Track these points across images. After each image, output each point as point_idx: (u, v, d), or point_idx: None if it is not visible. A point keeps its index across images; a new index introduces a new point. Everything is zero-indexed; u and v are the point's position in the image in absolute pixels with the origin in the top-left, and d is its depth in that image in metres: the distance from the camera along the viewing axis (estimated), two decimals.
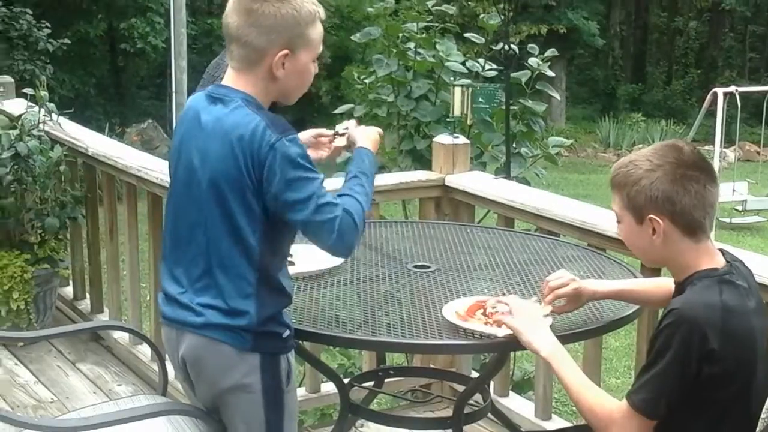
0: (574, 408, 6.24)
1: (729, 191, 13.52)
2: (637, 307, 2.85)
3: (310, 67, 2.61)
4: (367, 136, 2.81)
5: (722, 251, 2.42)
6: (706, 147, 15.60)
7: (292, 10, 2.52)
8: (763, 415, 2.24)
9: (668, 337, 2.25)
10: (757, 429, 2.29)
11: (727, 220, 13.87)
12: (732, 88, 14.22)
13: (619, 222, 2.45)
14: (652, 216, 2.33)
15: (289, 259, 3.17)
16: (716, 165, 12.75)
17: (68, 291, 5.51)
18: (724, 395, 2.28)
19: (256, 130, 2.44)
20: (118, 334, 4.90)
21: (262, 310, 2.50)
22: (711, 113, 15.25)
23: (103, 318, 5.16)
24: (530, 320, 2.56)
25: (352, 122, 2.92)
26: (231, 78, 2.57)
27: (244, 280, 2.49)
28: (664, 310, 2.34)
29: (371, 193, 2.64)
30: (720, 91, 13.73)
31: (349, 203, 2.53)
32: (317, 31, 2.59)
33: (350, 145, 2.82)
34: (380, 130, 2.88)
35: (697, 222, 2.34)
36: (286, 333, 2.57)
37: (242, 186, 2.44)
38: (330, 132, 2.96)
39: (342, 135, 2.89)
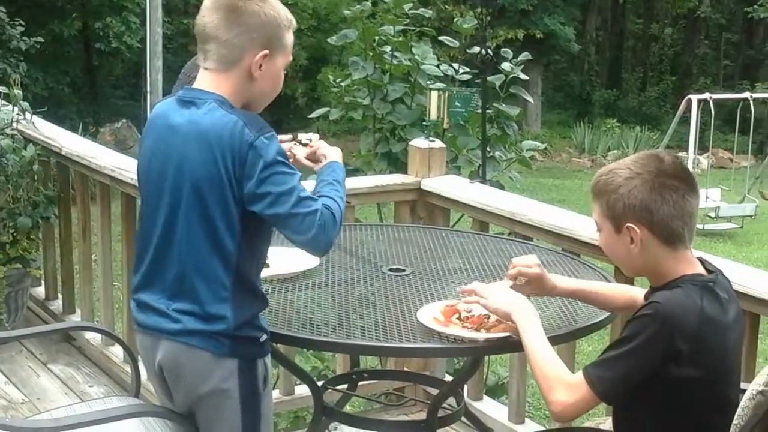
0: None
1: (702, 198, 13.59)
2: (608, 313, 2.86)
3: (281, 73, 2.61)
4: (337, 152, 2.79)
5: (701, 260, 2.43)
6: (680, 153, 15.71)
7: (273, 11, 2.52)
8: (735, 421, 2.25)
9: (641, 325, 2.25)
10: None
11: (700, 226, 13.94)
12: (706, 95, 14.34)
13: (598, 230, 2.45)
14: (629, 224, 2.34)
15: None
16: None
17: (40, 291, 5.47)
18: (687, 401, 2.29)
19: (234, 129, 2.42)
20: (90, 335, 4.87)
21: (239, 314, 2.49)
22: (685, 120, 15.38)
23: (75, 319, 5.13)
24: (499, 294, 2.58)
25: (315, 135, 2.88)
26: (204, 80, 2.55)
27: (220, 284, 2.48)
28: (646, 300, 2.34)
29: (343, 202, 2.64)
30: (694, 98, 13.85)
31: (328, 201, 2.54)
32: (291, 38, 2.59)
33: (319, 159, 2.78)
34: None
35: (675, 232, 2.34)
36: (263, 337, 2.56)
37: (222, 187, 2.43)
38: (287, 137, 2.92)
39: (303, 145, 2.84)
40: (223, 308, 2.48)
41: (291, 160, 2.72)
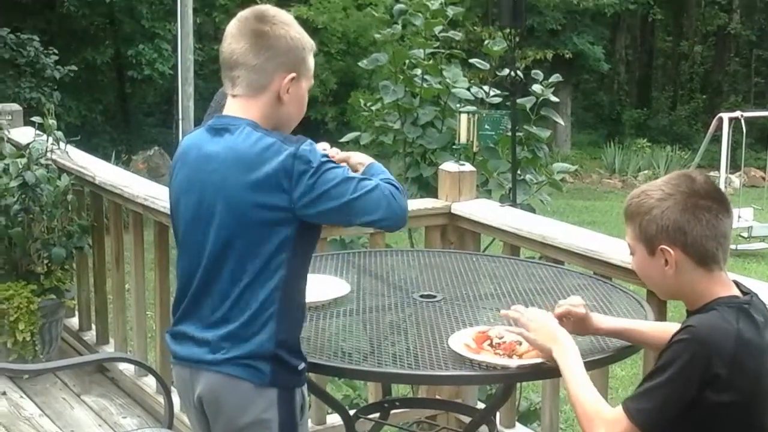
0: None
1: (734, 218, 13.47)
2: None
3: (306, 96, 2.62)
4: (369, 157, 2.77)
5: (736, 282, 2.40)
6: (712, 173, 15.62)
7: (298, 35, 2.54)
8: None
9: (676, 352, 2.23)
10: None
11: (733, 247, 13.82)
12: (737, 113, 14.25)
13: (632, 254, 2.44)
14: (663, 246, 2.32)
15: None
16: None
17: (74, 322, 5.50)
18: (723, 426, 2.26)
19: (272, 147, 2.43)
20: (123, 366, 4.88)
21: (279, 333, 2.48)
22: (716, 138, 15.28)
23: (109, 349, 5.14)
24: (541, 327, 2.55)
25: (326, 144, 2.82)
26: (233, 106, 2.55)
27: (266, 307, 2.46)
28: (682, 325, 2.32)
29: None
30: (725, 116, 13.77)
31: (384, 179, 2.56)
32: (313, 62, 2.61)
33: (356, 168, 2.72)
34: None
35: (709, 253, 2.32)
36: (302, 365, 2.56)
37: (271, 207, 2.42)
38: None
39: None
40: (267, 329, 2.46)
41: None
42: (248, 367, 2.47)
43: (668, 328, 2.70)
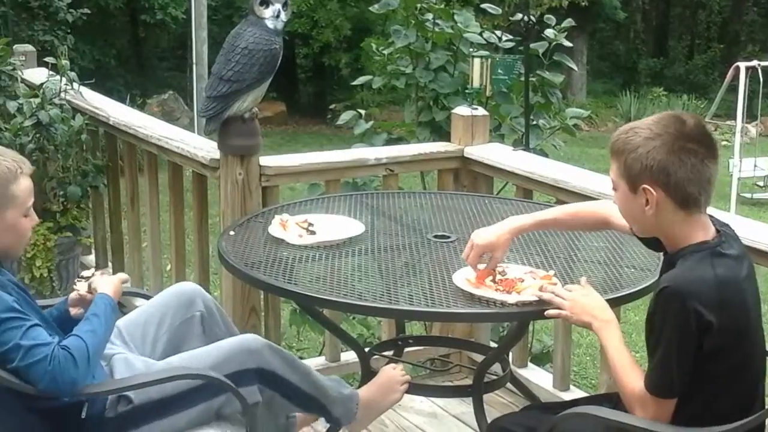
0: (593, 381, 6.27)
1: (750, 166, 13.45)
2: (656, 277, 2.86)
3: (21, 222, 2.63)
4: (109, 282, 2.81)
5: (710, 217, 2.41)
6: (728, 122, 15.53)
7: None
8: None
9: (663, 316, 2.26)
10: None
11: (749, 195, 13.80)
12: (754, 63, 14.10)
13: (614, 189, 2.44)
14: (645, 186, 2.32)
15: (309, 228, 3.22)
16: (737, 140, 12.69)
17: (90, 259, 5.56)
18: (723, 367, 2.30)
19: None
20: (139, 302, 4.92)
21: None
22: (733, 88, 15.15)
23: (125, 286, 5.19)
24: (579, 301, 2.56)
25: (98, 272, 2.92)
26: None
27: None
28: (655, 289, 2.33)
29: (103, 333, 2.62)
30: (742, 65, 13.63)
31: (69, 341, 2.51)
32: (21, 187, 2.61)
33: (92, 292, 2.80)
34: (124, 277, 2.90)
35: (692, 197, 2.32)
36: None
37: None
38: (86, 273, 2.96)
39: (86, 278, 2.88)
40: None
41: (77, 296, 2.83)
42: None
43: (594, 207, 2.78)
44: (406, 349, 3.85)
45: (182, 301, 3.04)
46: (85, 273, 2.91)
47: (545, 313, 2.60)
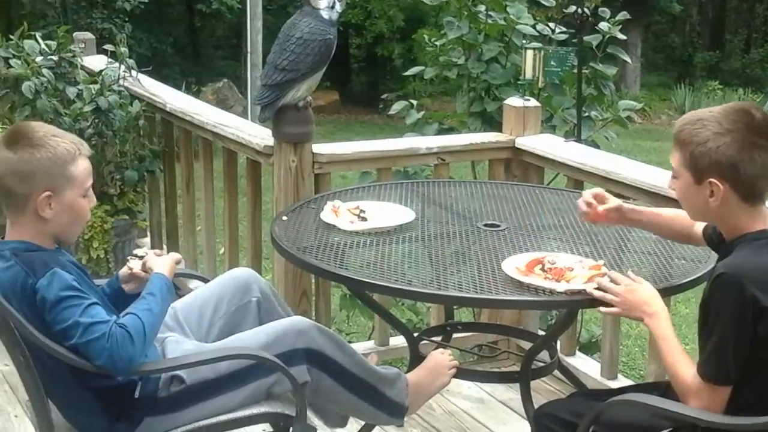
0: (641, 372, 6.26)
1: None
2: (707, 269, 2.87)
3: (79, 202, 2.65)
4: (164, 261, 2.82)
5: None
6: None
7: (47, 153, 2.57)
8: None
9: (719, 303, 2.27)
10: None
11: None
12: None
13: (674, 177, 2.45)
14: (713, 180, 2.33)
15: (361, 215, 3.27)
16: None
17: (146, 242, 5.65)
18: None
19: (16, 281, 2.51)
20: (193, 284, 5.01)
21: None
22: None
23: (179, 267, 5.27)
24: (632, 302, 2.56)
25: (151, 251, 2.93)
26: (8, 228, 2.64)
27: None
28: (711, 276, 2.35)
29: (159, 312, 2.64)
30: None
31: (126, 319, 2.55)
32: (80, 169, 2.63)
33: (147, 271, 2.83)
34: (177, 257, 2.90)
35: (758, 191, 2.34)
36: None
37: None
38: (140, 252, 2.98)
39: (140, 258, 2.90)
40: None
41: (129, 272, 2.85)
42: None
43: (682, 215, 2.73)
44: (455, 335, 3.88)
45: (239, 286, 3.07)
46: (139, 251, 2.94)
47: (598, 309, 2.62)
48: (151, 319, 2.59)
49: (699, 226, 2.66)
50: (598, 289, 2.62)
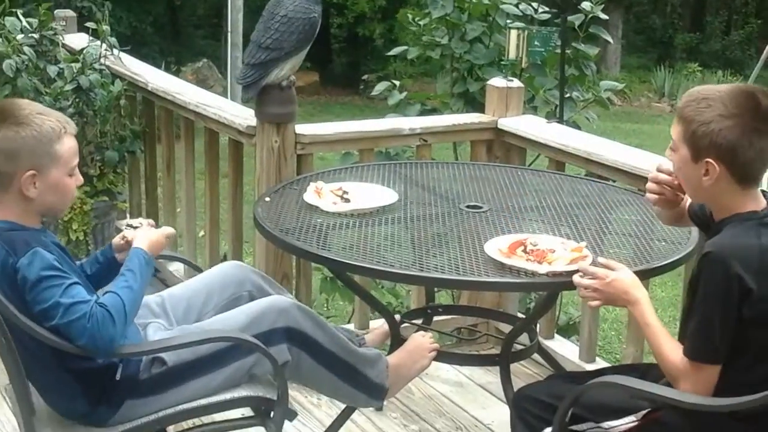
0: (617, 355, 6.30)
1: None
2: (687, 251, 2.89)
3: (65, 181, 2.65)
4: (146, 237, 2.79)
5: (763, 192, 2.43)
6: None
7: (32, 131, 2.56)
8: None
9: (706, 281, 2.28)
10: None
11: None
12: None
13: (673, 149, 2.45)
14: (709, 160, 2.34)
15: (344, 196, 3.26)
16: None
17: (125, 223, 5.61)
18: (763, 335, 2.31)
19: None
20: (174, 267, 5.01)
21: None
22: None
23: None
24: (610, 294, 2.54)
25: (146, 223, 2.91)
26: None
27: None
28: (698, 253, 2.37)
29: (139, 289, 2.63)
30: None
31: (106, 298, 2.54)
32: (65, 147, 2.62)
33: (128, 246, 2.81)
34: (169, 231, 2.87)
35: (752, 175, 2.36)
36: None
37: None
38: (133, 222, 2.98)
39: (135, 228, 2.88)
40: None
41: (123, 241, 2.83)
42: None
43: None
44: (435, 318, 3.89)
45: (230, 280, 3.06)
46: (134, 222, 2.92)
47: (581, 294, 2.61)
48: (131, 296, 2.58)
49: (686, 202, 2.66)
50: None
